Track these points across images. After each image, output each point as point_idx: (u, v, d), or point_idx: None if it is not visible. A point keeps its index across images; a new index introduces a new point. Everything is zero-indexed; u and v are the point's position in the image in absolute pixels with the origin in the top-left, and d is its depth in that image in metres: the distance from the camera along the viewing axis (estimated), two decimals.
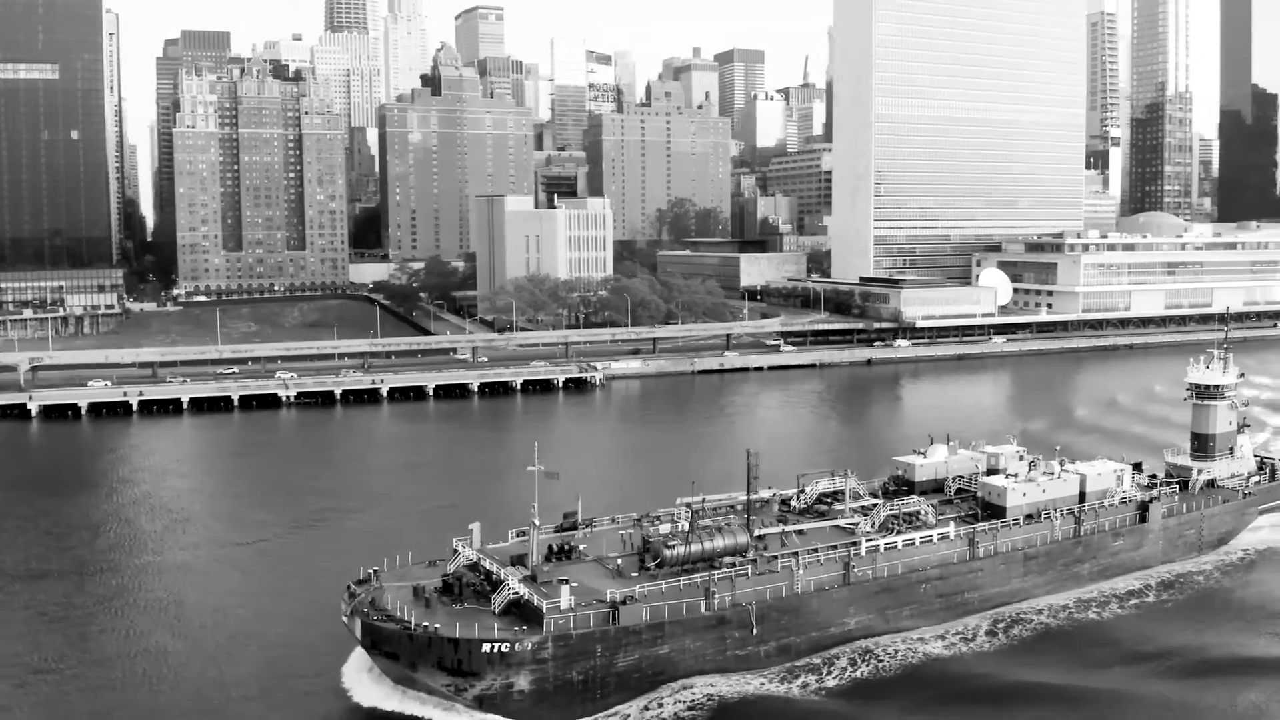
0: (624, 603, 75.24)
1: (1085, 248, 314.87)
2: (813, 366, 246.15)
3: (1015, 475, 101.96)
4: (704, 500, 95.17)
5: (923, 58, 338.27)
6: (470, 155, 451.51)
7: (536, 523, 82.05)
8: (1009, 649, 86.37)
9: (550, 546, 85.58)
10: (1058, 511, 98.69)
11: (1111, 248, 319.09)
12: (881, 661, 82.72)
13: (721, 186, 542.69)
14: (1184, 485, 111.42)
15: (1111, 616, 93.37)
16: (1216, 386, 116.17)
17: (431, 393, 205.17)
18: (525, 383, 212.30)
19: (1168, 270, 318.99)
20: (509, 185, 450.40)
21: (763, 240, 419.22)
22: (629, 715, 75.42)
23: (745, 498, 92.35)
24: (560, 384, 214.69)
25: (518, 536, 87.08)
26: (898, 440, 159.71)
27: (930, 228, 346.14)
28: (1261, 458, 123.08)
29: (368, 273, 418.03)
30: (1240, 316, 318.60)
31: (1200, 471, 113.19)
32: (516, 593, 75.69)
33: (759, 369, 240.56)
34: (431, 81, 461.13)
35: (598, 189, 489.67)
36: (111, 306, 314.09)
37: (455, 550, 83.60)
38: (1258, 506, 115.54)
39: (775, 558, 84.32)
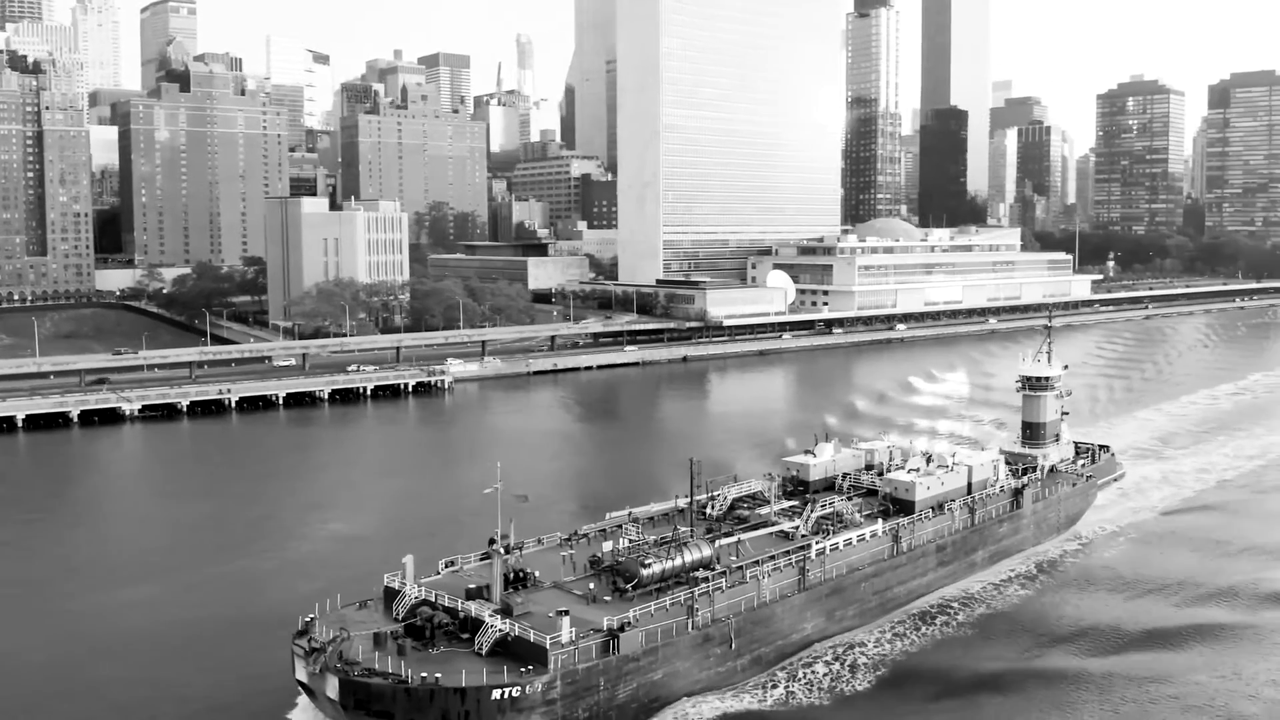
0: (622, 629, 70.11)
1: (854, 250, 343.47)
2: (637, 365, 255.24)
3: (917, 470, 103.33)
4: (630, 513, 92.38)
5: (703, 73, 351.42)
6: (221, 155, 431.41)
7: (502, 551, 75.26)
8: (955, 639, 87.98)
9: (505, 575, 76.92)
10: (955, 503, 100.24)
11: (874, 250, 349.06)
12: (846, 663, 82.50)
13: (479, 191, 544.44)
14: (1028, 471, 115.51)
15: (1018, 599, 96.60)
16: (1045, 378, 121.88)
17: (281, 402, 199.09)
18: (375, 388, 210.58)
19: (925, 270, 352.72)
20: (262, 187, 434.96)
21: (543, 245, 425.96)
22: None
23: (689, 507, 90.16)
24: (410, 389, 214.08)
25: (447, 568, 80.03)
26: (747, 434, 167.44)
27: (712, 233, 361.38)
28: (1077, 443, 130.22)
29: (114, 279, 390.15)
30: (984, 312, 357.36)
31: (1044, 457, 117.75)
32: (502, 630, 68.56)
33: (589, 368, 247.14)
34: (179, 77, 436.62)
35: (354, 191, 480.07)
36: None
37: (390, 588, 75.24)
38: (1096, 486, 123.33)
39: (741, 568, 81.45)
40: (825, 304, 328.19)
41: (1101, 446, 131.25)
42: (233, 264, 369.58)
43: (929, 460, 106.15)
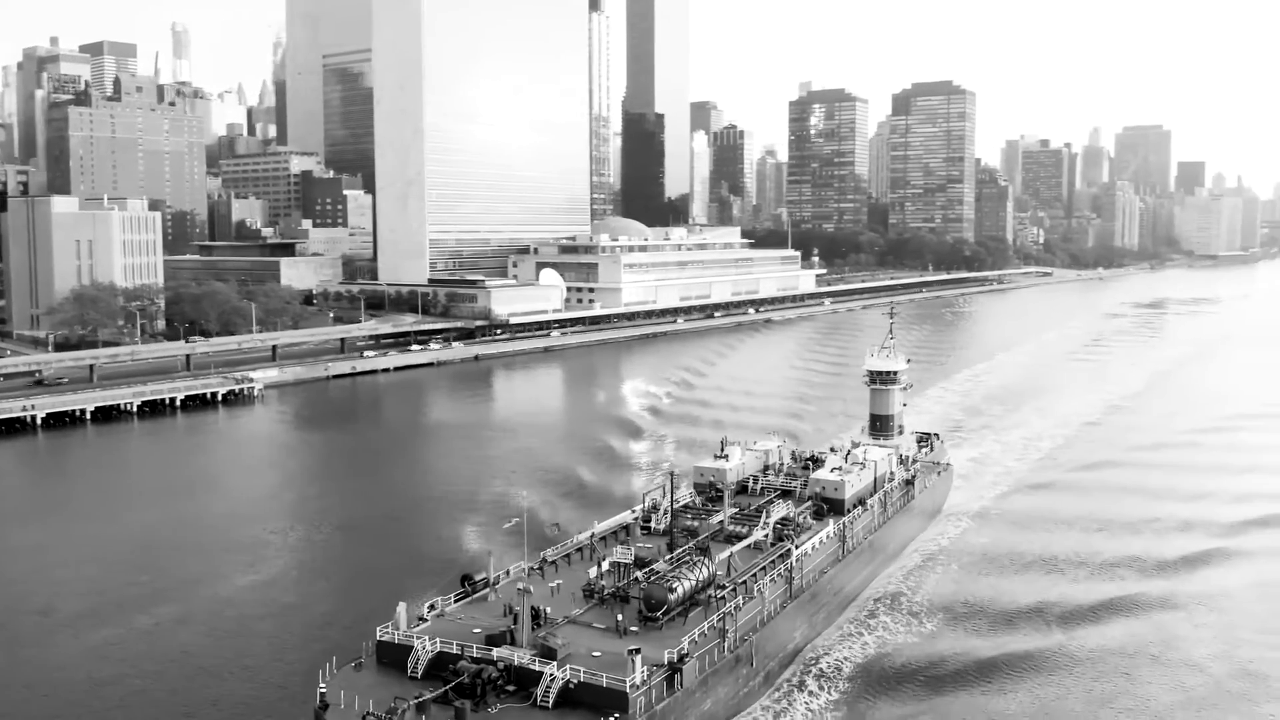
0: (682, 661, 65.46)
1: (616, 248, 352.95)
2: (432, 365, 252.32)
3: (839, 469, 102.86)
4: (593, 534, 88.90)
5: (463, 71, 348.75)
6: None
7: (531, 589, 68.88)
8: (908, 630, 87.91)
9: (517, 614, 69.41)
10: (872, 499, 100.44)
11: (633, 249, 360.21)
12: (836, 665, 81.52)
13: (197, 188, 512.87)
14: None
15: (951, 585, 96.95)
16: (892, 373, 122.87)
17: (89, 417, 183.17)
18: (185, 399, 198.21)
19: (680, 267, 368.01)
20: None
21: (290, 245, 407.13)
22: None
23: (668, 524, 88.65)
24: (220, 397, 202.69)
25: (430, 611, 72.75)
26: (578, 437, 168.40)
27: (474, 232, 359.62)
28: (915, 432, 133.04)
29: None
30: (728, 306, 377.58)
31: (899, 448, 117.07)
32: (564, 678, 61.86)
33: (386, 370, 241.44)
34: None
35: (63, 189, 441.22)
36: None
37: (386, 642, 67.61)
38: (953, 473, 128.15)
39: (745, 582, 79.09)
40: (593, 301, 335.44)
41: (934, 434, 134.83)
42: None
43: (846, 457, 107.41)
